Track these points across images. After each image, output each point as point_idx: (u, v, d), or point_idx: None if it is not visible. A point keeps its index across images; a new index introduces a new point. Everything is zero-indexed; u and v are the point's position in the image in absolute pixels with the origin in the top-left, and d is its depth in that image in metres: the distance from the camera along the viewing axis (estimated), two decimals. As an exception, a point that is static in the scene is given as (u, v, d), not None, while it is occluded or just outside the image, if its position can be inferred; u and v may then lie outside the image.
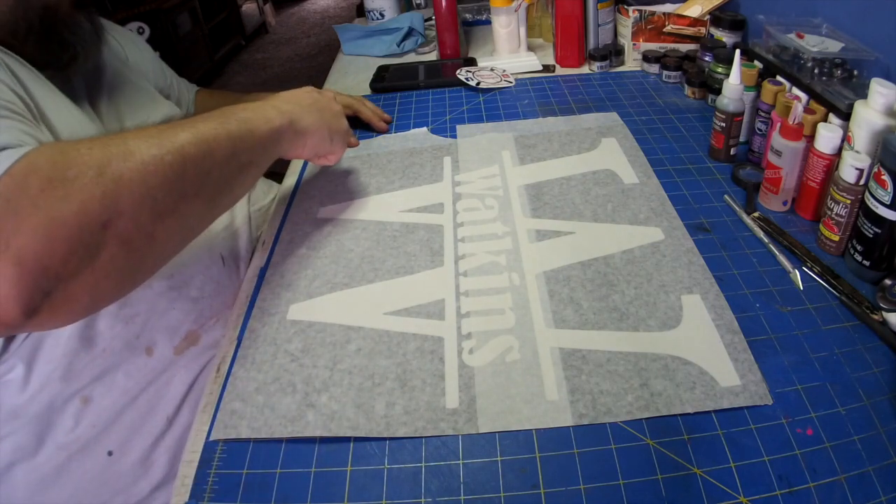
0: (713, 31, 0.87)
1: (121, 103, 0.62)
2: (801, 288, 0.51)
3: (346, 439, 0.43)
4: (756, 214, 0.59)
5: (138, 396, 0.55)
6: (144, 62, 0.75)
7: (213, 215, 0.47)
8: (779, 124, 0.57)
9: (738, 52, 0.64)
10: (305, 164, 0.77)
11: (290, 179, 0.74)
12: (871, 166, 0.48)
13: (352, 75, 1.07)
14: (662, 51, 0.93)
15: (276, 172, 0.93)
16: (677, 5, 0.93)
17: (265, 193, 0.81)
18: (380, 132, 0.83)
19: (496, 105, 0.87)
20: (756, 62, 0.68)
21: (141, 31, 2.78)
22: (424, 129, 0.82)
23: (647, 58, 0.93)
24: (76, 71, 0.56)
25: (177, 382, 0.58)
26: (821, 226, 0.55)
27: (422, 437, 0.42)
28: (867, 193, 0.48)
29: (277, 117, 0.52)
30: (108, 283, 0.38)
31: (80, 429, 0.53)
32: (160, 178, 0.39)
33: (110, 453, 0.54)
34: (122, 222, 0.37)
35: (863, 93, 0.51)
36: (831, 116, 0.56)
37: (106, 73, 0.63)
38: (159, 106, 0.68)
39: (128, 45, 0.73)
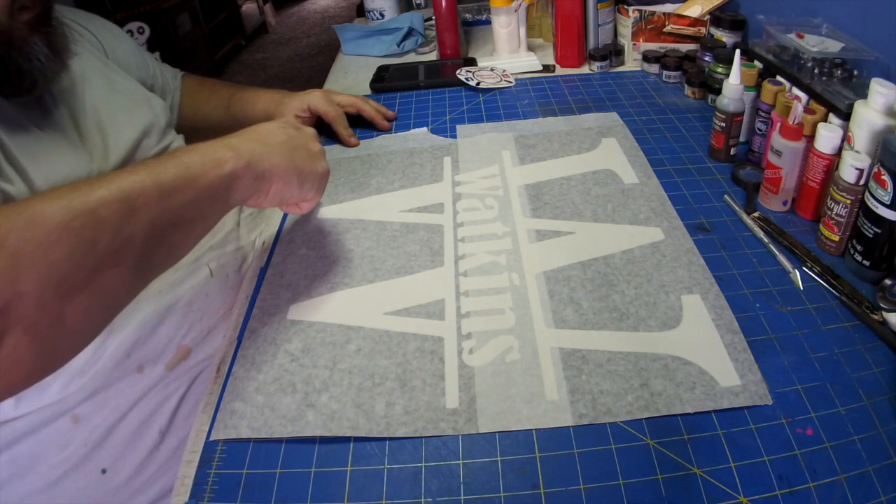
0: (713, 31, 0.87)
1: (101, 111, 0.59)
2: (801, 288, 0.51)
3: (346, 439, 0.43)
4: (756, 214, 0.59)
5: (129, 413, 0.54)
6: (125, 54, 0.72)
7: (142, 284, 0.40)
8: (779, 124, 0.57)
9: (738, 52, 0.64)
10: (305, 164, 0.77)
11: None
12: (871, 166, 0.48)
13: (352, 75, 1.07)
14: (662, 51, 0.93)
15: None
16: (677, 5, 0.93)
17: None
18: (383, 131, 0.83)
19: (496, 105, 0.87)
20: (756, 62, 0.68)
21: (141, 31, 2.78)
22: (424, 129, 0.82)
23: (647, 58, 0.93)
24: (43, 92, 0.52)
25: (169, 396, 0.56)
26: (821, 226, 0.55)
27: (422, 437, 0.42)
28: (867, 193, 0.48)
29: (231, 160, 0.44)
30: (17, 371, 0.34)
31: (72, 448, 0.51)
32: (66, 250, 0.33)
33: (104, 471, 0.52)
34: (23, 305, 0.32)
35: (863, 93, 0.51)
36: (831, 116, 0.56)
37: (82, 84, 0.59)
38: (141, 110, 0.64)
39: (107, 39, 0.70)
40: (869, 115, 0.49)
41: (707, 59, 0.84)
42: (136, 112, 0.63)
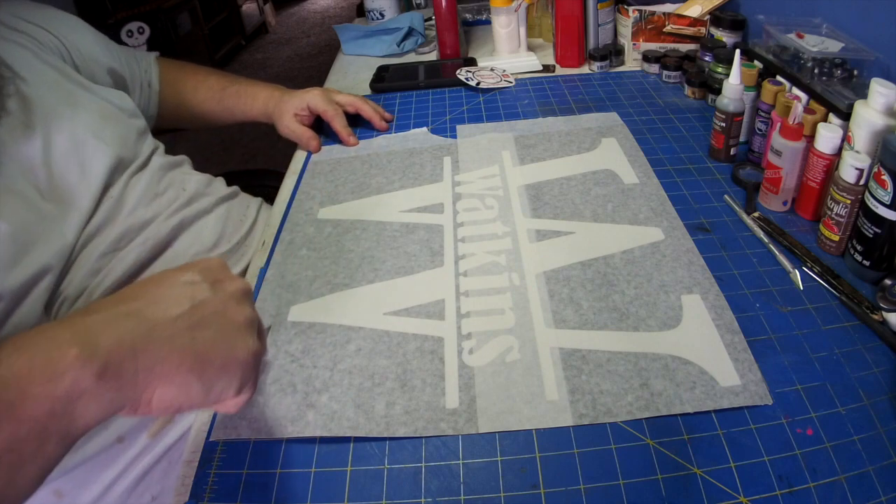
0: (713, 31, 0.87)
1: (63, 143, 0.53)
2: (801, 288, 0.51)
3: (346, 439, 0.43)
4: (756, 214, 0.59)
5: (114, 484, 0.50)
6: (91, 47, 0.66)
7: None
8: (779, 124, 0.57)
9: (738, 52, 0.64)
10: (306, 163, 0.77)
11: (290, 179, 0.74)
12: (871, 166, 0.48)
13: (352, 75, 1.07)
14: (662, 51, 0.93)
15: (270, 171, 0.93)
16: (677, 5, 0.93)
17: (241, 219, 0.69)
18: (380, 131, 0.83)
19: (496, 105, 0.87)
20: (756, 62, 0.68)
21: (141, 31, 2.78)
22: (424, 129, 0.82)
23: (647, 58, 0.93)
24: None
25: (156, 461, 0.52)
26: (821, 226, 0.55)
27: (422, 437, 0.42)
28: (867, 193, 0.48)
29: (76, 365, 0.27)
30: None
31: None
32: None
33: None
34: None
35: (863, 93, 0.51)
36: (831, 116, 0.56)
37: (40, 114, 0.54)
38: (109, 125, 0.59)
39: (68, 36, 0.64)
40: (869, 115, 0.49)
41: (707, 59, 0.84)
42: (106, 129, 0.58)
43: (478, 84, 0.92)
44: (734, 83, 0.64)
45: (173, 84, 0.80)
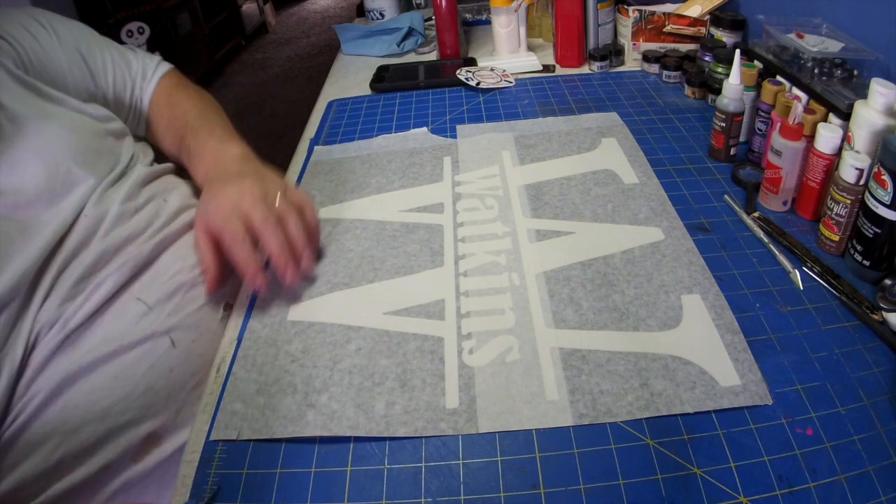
0: (713, 31, 0.87)
1: (22, 154, 0.50)
2: (801, 288, 0.51)
3: (346, 439, 0.43)
4: (756, 214, 0.59)
5: None
6: (53, 60, 0.60)
7: None
8: (779, 124, 0.57)
9: (738, 52, 0.64)
10: (306, 163, 0.77)
11: (290, 179, 0.74)
12: (871, 166, 0.48)
13: (352, 75, 1.07)
14: (662, 51, 0.93)
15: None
16: (677, 5, 0.93)
17: None
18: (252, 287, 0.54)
19: (496, 105, 0.87)
20: (756, 62, 0.68)
21: (141, 31, 2.78)
22: (424, 129, 0.82)
23: (647, 58, 0.93)
24: None
25: (142, 492, 0.48)
26: (821, 226, 0.55)
27: (422, 437, 0.42)
28: (867, 193, 0.49)
29: None
30: None
31: None
32: None
33: None
34: None
35: (863, 93, 0.51)
36: (831, 116, 0.56)
37: (12, 127, 0.51)
38: (86, 135, 0.56)
39: (24, 42, 0.58)
40: (869, 115, 0.49)
41: (707, 59, 0.84)
42: (79, 144, 0.55)
43: (478, 84, 0.92)
44: (734, 83, 0.64)
45: (154, 112, 0.72)
